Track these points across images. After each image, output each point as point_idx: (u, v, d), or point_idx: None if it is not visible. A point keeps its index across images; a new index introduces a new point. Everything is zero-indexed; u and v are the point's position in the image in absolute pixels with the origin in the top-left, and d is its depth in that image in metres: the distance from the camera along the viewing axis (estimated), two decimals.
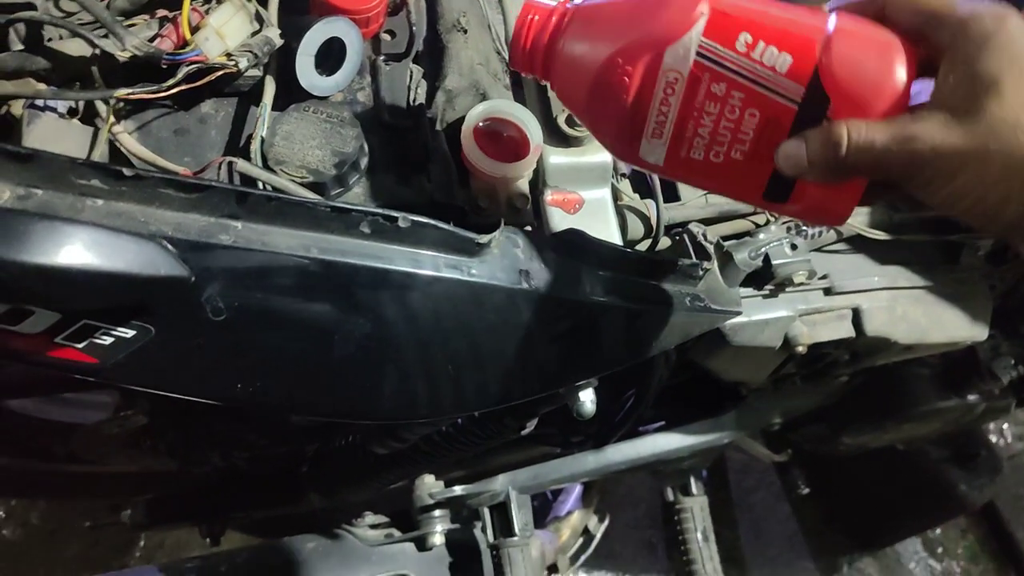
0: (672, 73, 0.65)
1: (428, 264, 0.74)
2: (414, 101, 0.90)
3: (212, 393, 0.72)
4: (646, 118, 0.68)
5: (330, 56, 0.86)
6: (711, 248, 0.97)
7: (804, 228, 1.13)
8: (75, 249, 0.58)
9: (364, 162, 0.84)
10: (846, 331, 1.16)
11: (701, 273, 0.93)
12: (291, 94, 0.85)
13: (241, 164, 0.76)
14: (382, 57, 0.92)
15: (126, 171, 0.64)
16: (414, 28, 0.93)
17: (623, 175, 1.08)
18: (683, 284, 0.93)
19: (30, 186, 0.62)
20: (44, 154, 0.62)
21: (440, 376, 0.78)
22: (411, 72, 0.92)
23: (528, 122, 0.92)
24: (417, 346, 0.76)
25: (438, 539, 1.34)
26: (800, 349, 1.13)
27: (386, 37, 0.93)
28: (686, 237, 0.98)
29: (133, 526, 1.45)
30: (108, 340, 0.66)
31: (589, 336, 0.86)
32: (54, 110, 0.74)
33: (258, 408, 0.73)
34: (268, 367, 0.72)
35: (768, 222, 1.11)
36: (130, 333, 0.66)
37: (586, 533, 1.74)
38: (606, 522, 1.78)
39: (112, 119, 0.77)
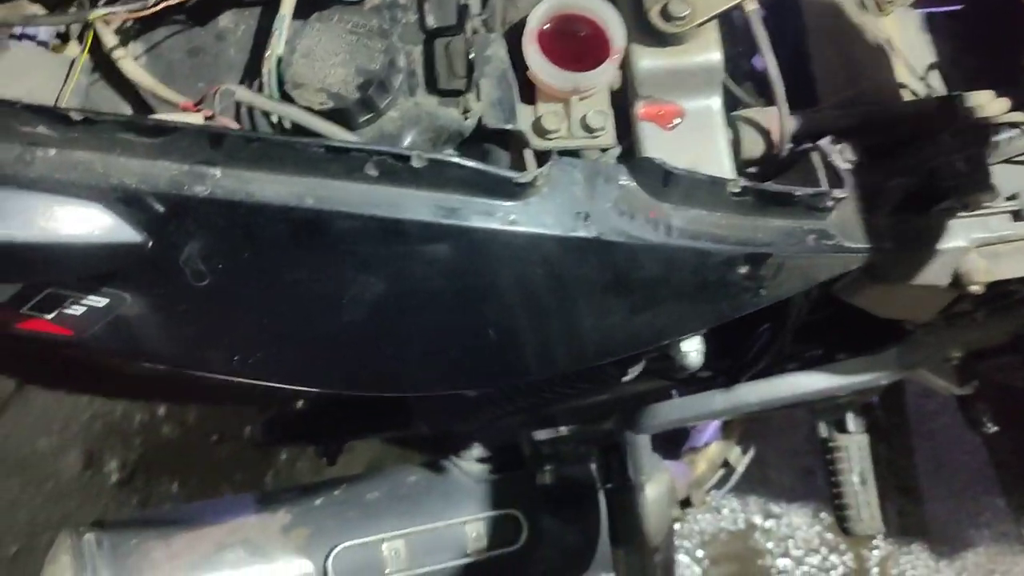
0: None
1: (453, 211, 0.60)
2: None
3: (209, 366, 0.63)
4: None
5: None
6: (846, 170, 0.76)
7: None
8: None
9: (398, 80, 0.70)
10: None
11: (830, 204, 0.73)
12: (319, 1, 0.72)
13: (240, 92, 0.65)
14: None
15: (74, 114, 0.54)
16: None
17: (745, 74, 0.87)
18: (805, 219, 0.74)
19: None
20: None
21: (477, 342, 0.65)
22: None
23: (608, 18, 0.74)
24: (445, 309, 0.63)
25: (548, 477, 1.25)
26: (975, 288, 0.90)
27: None
28: (814, 156, 0.78)
29: (253, 444, 1.47)
30: (79, 310, 0.58)
31: (673, 288, 0.70)
32: (32, 38, 0.65)
33: (265, 383, 0.63)
34: (266, 338, 0.62)
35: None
36: (102, 302, 0.58)
37: (726, 466, 1.59)
38: (750, 454, 1.61)
39: (107, 44, 0.67)
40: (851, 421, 1.48)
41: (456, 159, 0.59)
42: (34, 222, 0.50)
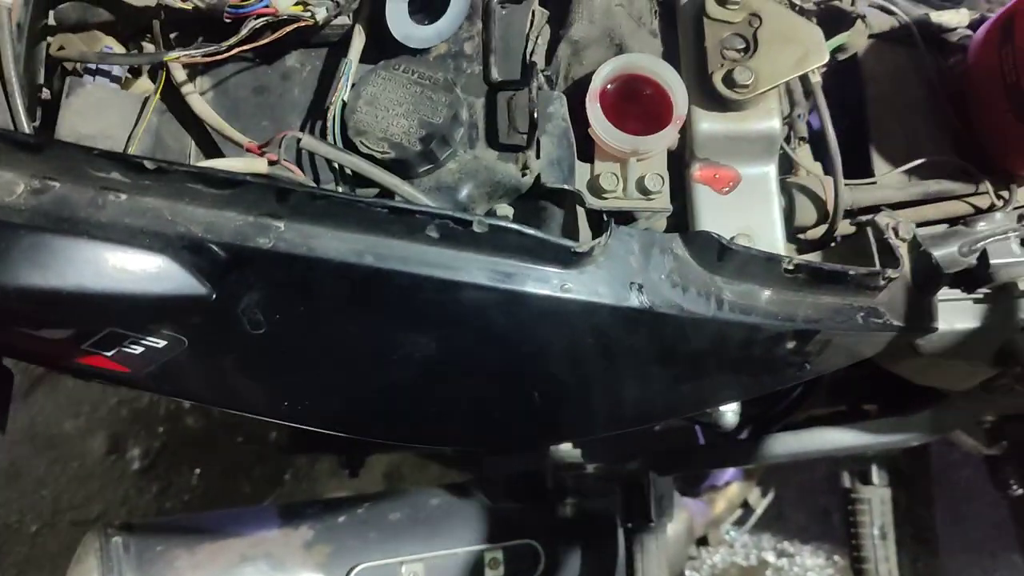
0: None
1: (508, 276, 0.60)
2: (532, 54, 0.74)
3: (257, 410, 0.64)
4: None
5: None
6: (901, 249, 0.76)
7: None
8: (66, 269, 0.50)
9: (460, 133, 0.71)
10: None
11: (882, 283, 0.73)
12: (385, 47, 0.72)
13: (306, 140, 0.65)
14: None
15: (148, 163, 0.55)
16: None
17: (802, 139, 0.86)
18: (856, 296, 0.73)
19: (46, 178, 0.55)
20: (58, 143, 0.54)
21: (520, 404, 0.66)
22: (532, 16, 0.75)
23: (672, 82, 0.74)
24: (493, 372, 0.64)
25: (569, 510, 1.25)
26: (1021, 370, 0.90)
27: None
28: (869, 231, 0.77)
29: (278, 449, 1.48)
30: (138, 349, 0.59)
31: (719, 361, 0.70)
32: (107, 74, 0.66)
33: (310, 428, 0.64)
34: (315, 387, 0.62)
35: (992, 207, 0.86)
36: (161, 343, 0.59)
37: (745, 506, 1.59)
38: (770, 496, 1.61)
39: (176, 79, 0.68)
40: (876, 473, 1.47)
41: (517, 227, 0.59)
42: (105, 272, 0.51)
